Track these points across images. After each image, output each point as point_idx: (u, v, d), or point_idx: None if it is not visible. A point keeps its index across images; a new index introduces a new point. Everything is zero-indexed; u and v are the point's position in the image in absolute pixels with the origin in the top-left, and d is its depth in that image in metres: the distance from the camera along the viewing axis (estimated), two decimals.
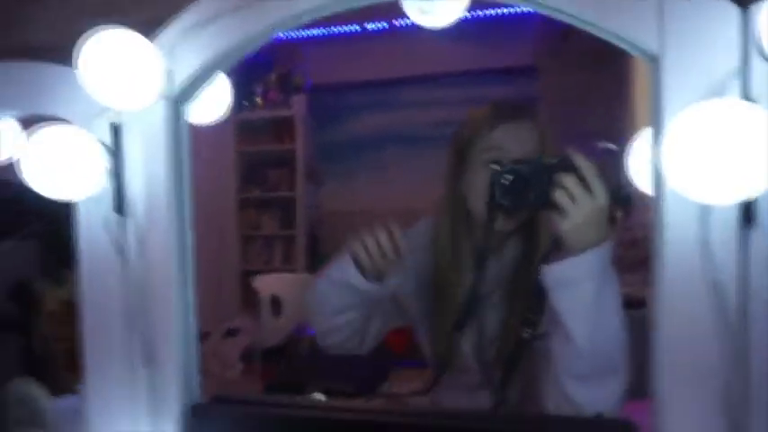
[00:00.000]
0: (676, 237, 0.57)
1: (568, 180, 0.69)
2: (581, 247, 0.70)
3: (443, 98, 3.92)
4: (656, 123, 0.57)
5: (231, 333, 3.53)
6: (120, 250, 0.66)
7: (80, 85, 0.63)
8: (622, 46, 0.59)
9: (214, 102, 0.74)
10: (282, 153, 3.95)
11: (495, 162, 0.76)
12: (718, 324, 0.56)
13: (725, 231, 0.56)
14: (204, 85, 0.67)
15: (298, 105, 3.88)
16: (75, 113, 0.66)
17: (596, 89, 3.62)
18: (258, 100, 3.78)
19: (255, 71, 3.77)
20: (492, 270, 0.83)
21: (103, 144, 0.65)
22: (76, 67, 0.62)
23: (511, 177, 0.72)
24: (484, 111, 0.93)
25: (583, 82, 3.71)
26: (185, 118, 0.68)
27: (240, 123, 3.90)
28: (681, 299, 0.57)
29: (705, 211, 0.56)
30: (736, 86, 0.54)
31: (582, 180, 0.69)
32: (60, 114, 0.67)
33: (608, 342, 0.73)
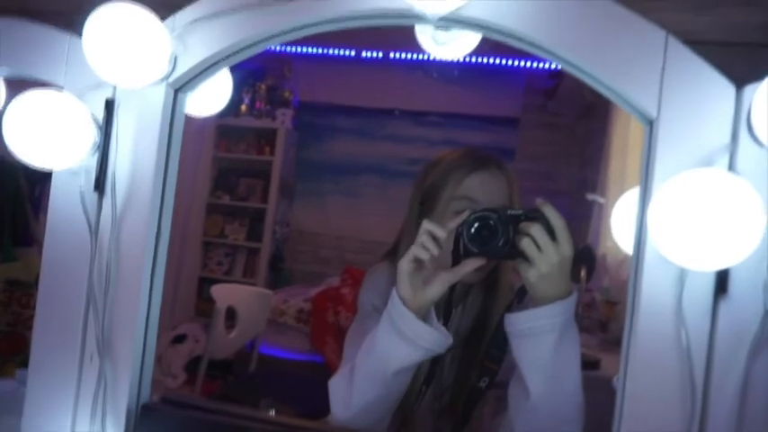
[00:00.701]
0: (652, 297, 0.58)
1: (535, 229, 0.69)
2: (545, 297, 0.71)
3: (424, 136, 3.98)
4: (645, 184, 0.59)
5: (179, 339, 3.42)
6: (93, 230, 0.63)
7: (81, 54, 0.61)
8: (622, 105, 0.61)
9: (214, 97, 0.73)
10: (260, 164, 3.92)
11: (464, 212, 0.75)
12: (683, 388, 0.57)
13: (699, 298, 0.57)
14: (207, 76, 0.66)
15: (283, 119, 3.88)
16: (70, 82, 0.64)
17: (573, 147, 3.74)
18: (243, 107, 3.77)
19: (244, 78, 3.77)
20: (454, 320, 0.81)
21: (95, 118, 0.63)
22: (81, 36, 0.60)
23: (478, 225, 0.72)
24: (456, 156, 0.91)
25: (561, 139, 3.83)
26: (183, 107, 0.67)
27: (221, 128, 3.87)
28: (650, 358, 0.58)
29: (682, 276, 0.57)
30: (724, 160, 0.57)
31: (549, 230, 0.69)
32: (55, 81, 0.65)
33: (564, 398, 0.73)
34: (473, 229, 0.73)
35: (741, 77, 0.57)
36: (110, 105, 0.64)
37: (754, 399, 0.55)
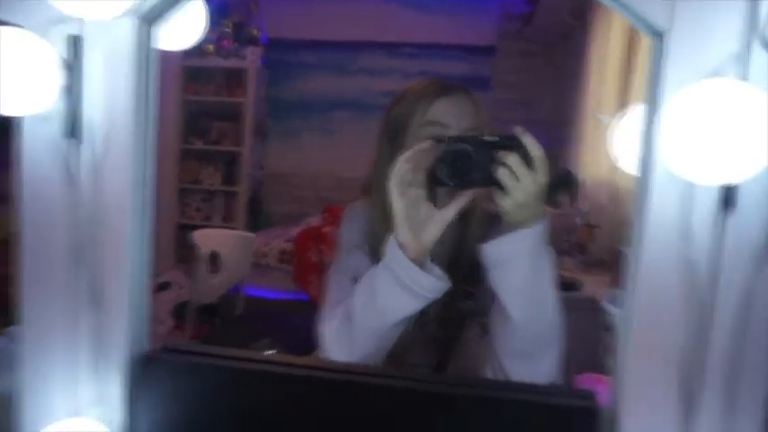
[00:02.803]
0: (659, 214, 0.57)
1: (512, 159, 0.69)
2: (519, 224, 0.72)
3: (398, 68, 3.89)
4: (653, 100, 0.57)
5: (163, 287, 3.41)
6: (70, 178, 0.59)
7: None
8: (630, 19, 0.58)
9: (186, 29, 0.68)
10: (231, 106, 3.80)
11: (436, 139, 0.74)
12: (686, 300, 0.57)
13: (705, 213, 0.57)
14: (179, 6, 0.61)
15: (252, 57, 3.72)
16: (29, 19, 0.58)
17: (551, 74, 3.69)
18: (210, 47, 3.60)
19: (209, 16, 3.58)
20: (435, 251, 0.80)
21: (60, 57, 0.57)
22: None
23: (455, 156, 0.71)
24: (420, 85, 0.90)
25: (538, 66, 3.78)
26: (154, 41, 0.62)
27: (188, 70, 3.71)
28: (655, 274, 0.58)
29: (688, 192, 0.56)
30: (736, 70, 0.55)
31: (526, 159, 0.69)
32: (12, 19, 0.58)
33: (543, 318, 0.75)
34: (450, 161, 0.71)
35: None
36: (76, 42, 0.58)
37: (757, 310, 0.56)
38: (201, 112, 3.87)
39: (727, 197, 0.56)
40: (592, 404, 0.58)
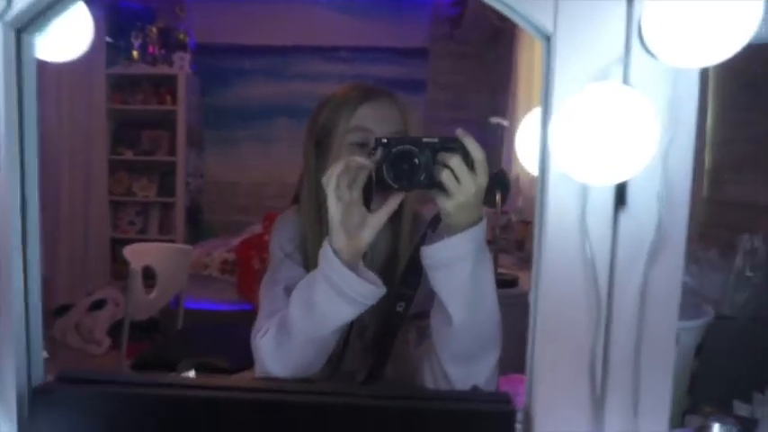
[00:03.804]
0: (557, 214, 0.59)
1: (455, 161, 0.69)
2: (459, 226, 0.72)
3: (332, 73, 3.87)
4: (546, 103, 0.58)
5: (97, 305, 3.26)
6: None
7: None
8: (520, 22, 0.59)
9: (71, 37, 0.64)
10: (161, 114, 3.68)
11: (377, 142, 0.74)
12: (588, 295, 0.59)
13: (601, 211, 0.58)
14: (56, 13, 0.57)
15: (181, 63, 3.62)
16: None
17: (482, 75, 3.77)
18: (134, 53, 3.47)
19: (132, 20, 3.44)
20: (367, 256, 0.80)
21: None
22: None
23: (399, 160, 0.71)
24: (344, 91, 0.90)
25: (470, 67, 3.85)
26: (31, 51, 0.58)
27: (112, 78, 3.56)
28: (558, 271, 0.59)
29: (584, 192, 0.58)
30: (619, 72, 0.56)
31: (467, 161, 0.70)
32: None
33: (484, 318, 0.76)
34: (394, 164, 0.71)
35: None
36: None
37: (652, 301, 0.58)
38: (129, 122, 3.72)
39: (619, 195, 0.58)
40: (507, 408, 0.59)
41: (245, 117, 4.04)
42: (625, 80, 0.56)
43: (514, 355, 0.79)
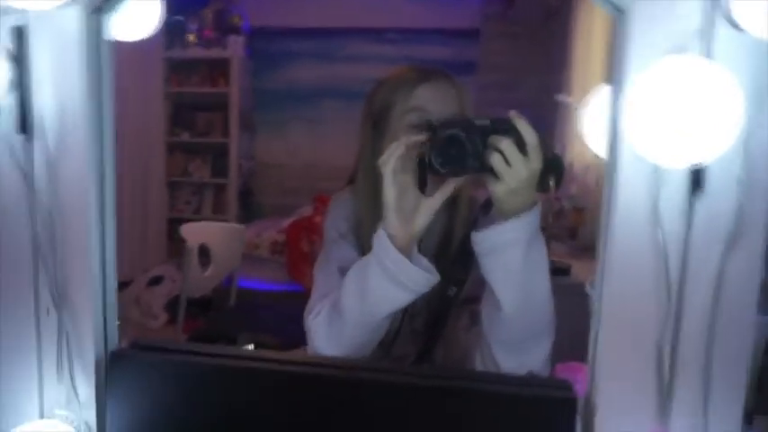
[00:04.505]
0: (627, 199, 0.56)
1: (506, 144, 0.67)
2: (511, 212, 0.70)
3: (385, 54, 3.84)
4: (617, 79, 0.56)
5: (155, 281, 3.40)
6: (26, 176, 0.58)
7: None
8: None
9: (142, 18, 0.66)
10: (215, 96, 3.75)
11: (426, 124, 0.72)
12: (657, 284, 0.56)
13: (674, 196, 0.56)
14: None
15: (234, 47, 3.67)
16: None
17: (536, 55, 3.66)
18: (191, 37, 3.54)
19: (189, 5, 3.51)
20: (422, 240, 0.78)
21: (5, 49, 0.55)
22: None
23: (447, 143, 0.69)
24: (401, 71, 0.89)
25: (524, 48, 3.74)
26: (107, 31, 0.60)
27: (170, 62, 3.66)
28: (626, 259, 0.57)
29: (657, 175, 0.55)
30: (697, 47, 0.53)
31: (519, 144, 0.67)
32: None
33: (536, 307, 0.74)
34: (442, 148, 0.69)
35: None
36: (20, 33, 0.56)
37: (727, 293, 0.55)
38: (186, 104, 3.82)
39: (695, 179, 0.55)
40: (568, 394, 0.58)
41: (294, 99, 4.07)
42: (707, 55, 0.53)
43: (567, 346, 0.77)
